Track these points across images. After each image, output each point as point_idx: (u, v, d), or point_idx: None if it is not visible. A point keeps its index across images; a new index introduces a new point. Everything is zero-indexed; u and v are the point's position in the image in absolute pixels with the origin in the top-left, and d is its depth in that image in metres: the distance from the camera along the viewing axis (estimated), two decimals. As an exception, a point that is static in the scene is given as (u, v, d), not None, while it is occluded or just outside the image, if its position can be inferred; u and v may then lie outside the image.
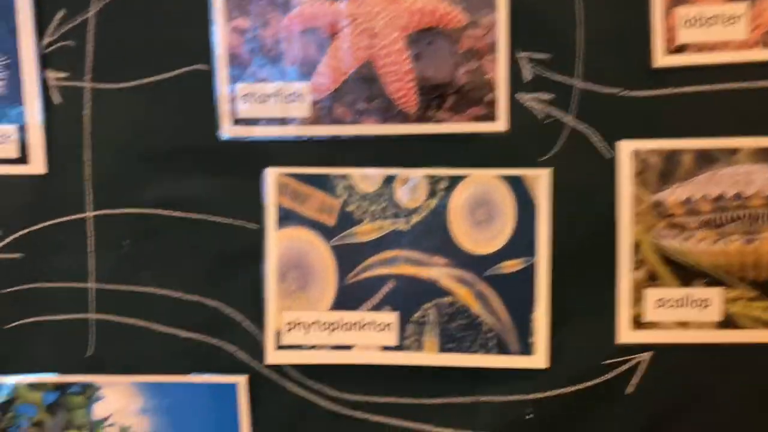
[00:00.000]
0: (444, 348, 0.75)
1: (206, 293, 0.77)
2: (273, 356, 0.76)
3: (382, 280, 0.75)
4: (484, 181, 0.74)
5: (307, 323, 0.76)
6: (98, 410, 0.78)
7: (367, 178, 0.74)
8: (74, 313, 0.78)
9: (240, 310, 0.77)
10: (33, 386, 0.78)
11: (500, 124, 0.73)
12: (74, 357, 0.78)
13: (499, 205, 0.74)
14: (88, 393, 0.78)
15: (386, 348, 0.75)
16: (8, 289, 0.78)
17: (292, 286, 0.76)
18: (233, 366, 0.77)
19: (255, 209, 0.75)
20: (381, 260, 0.75)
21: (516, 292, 0.74)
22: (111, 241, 0.76)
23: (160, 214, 0.76)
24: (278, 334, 0.76)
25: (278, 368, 0.77)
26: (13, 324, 0.78)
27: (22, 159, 0.76)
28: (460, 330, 0.75)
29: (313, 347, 0.76)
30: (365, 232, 0.75)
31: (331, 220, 0.75)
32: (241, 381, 0.77)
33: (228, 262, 0.76)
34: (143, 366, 0.78)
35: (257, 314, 0.76)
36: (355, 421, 0.77)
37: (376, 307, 0.75)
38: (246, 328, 0.77)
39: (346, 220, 0.75)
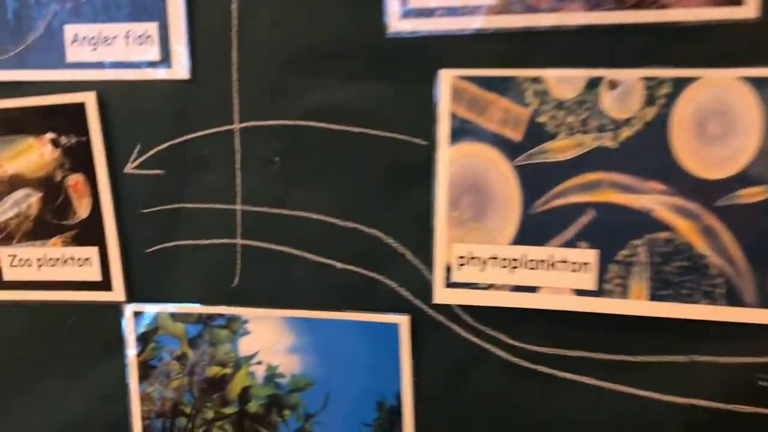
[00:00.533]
0: (656, 295, 0.61)
1: (365, 220, 0.67)
2: (441, 295, 0.66)
3: (578, 209, 0.62)
4: (720, 85, 0.58)
5: (482, 258, 0.64)
6: (244, 346, 0.72)
7: (565, 81, 0.61)
8: (219, 238, 0.70)
9: (403, 240, 0.66)
10: (175, 317, 0.72)
11: (748, 8, 0.57)
12: (219, 286, 0.71)
13: (739, 116, 0.58)
14: (234, 327, 0.72)
15: (581, 292, 0.63)
16: (148, 209, 0.71)
17: (466, 214, 0.64)
18: (394, 304, 0.67)
19: (425, 121, 0.64)
20: (579, 185, 0.62)
21: (756, 228, 0.59)
22: (260, 156, 0.68)
23: (315, 126, 0.66)
24: (448, 270, 0.65)
25: (447, 309, 0.66)
26: (155, 248, 0.72)
27: (164, 62, 0.68)
28: (678, 273, 0.61)
29: (489, 287, 0.64)
30: (560, 149, 0.62)
31: (516, 134, 0.63)
32: (402, 322, 0.67)
33: (391, 183, 0.66)
34: (294, 299, 0.70)
35: (423, 245, 0.66)
36: (537, 375, 0.65)
37: (570, 243, 0.63)
38: (410, 260, 0.66)
39: (536, 133, 0.62)
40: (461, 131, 0.64)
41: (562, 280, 0.63)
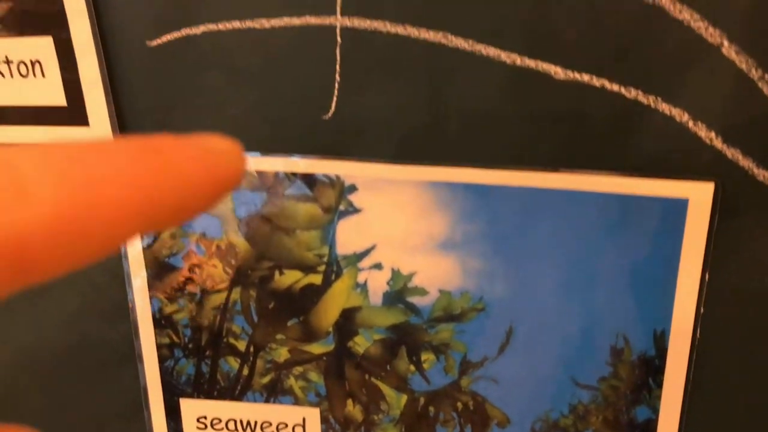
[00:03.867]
0: None
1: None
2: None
3: None
4: None
5: None
6: (348, 234, 0.38)
7: None
8: (296, 14, 0.35)
9: (712, 13, 0.30)
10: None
11: None
12: (299, 119, 0.36)
13: None
14: (327, 198, 0.38)
15: None
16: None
17: None
18: (678, 157, 0.33)
19: None
20: None
21: None
22: None
23: None
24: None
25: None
26: (166, 37, 0.37)
27: None
28: None
29: None
30: None
31: None
32: (698, 194, 0.33)
33: None
34: (452, 144, 0.35)
35: (758, 26, 0.30)
36: None
37: None
38: (726, 57, 0.31)
39: None
40: None
41: None
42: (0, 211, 0.08)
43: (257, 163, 0.38)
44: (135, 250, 0.41)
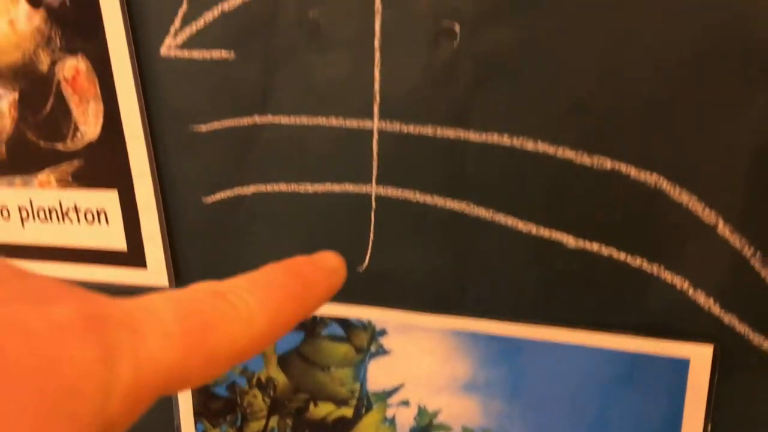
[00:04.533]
0: None
1: (625, 153, 0.35)
2: (789, 309, 0.34)
3: None
4: None
5: None
6: (378, 373, 0.42)
7: None
8: (336, 181, 0.39)
9: (710, 196, 0.34)
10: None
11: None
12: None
13: None
14: (360, 339, 0.42)
15: None
16: (206, 124, 0.41)
17: None
18: (681, 320, 0.36)
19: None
20: None
21: None
22: (423, 24, 0.36)
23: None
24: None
25: (795, 336, 0.35)
26: (219, 195, 0.41)
27: None
28: None
29: None
30: None
31: None
32: (699, 355, 0.36)
33: (701, 66, 0.33)
34: (474, 299, 0.39)
35: (751, 205, 0.33)
36: None
37: None
38: (721, 236, 0.35)
39: None
40: None
41: None
42: (235, 328, 0.12)
43: (297, 306, 0.42)
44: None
